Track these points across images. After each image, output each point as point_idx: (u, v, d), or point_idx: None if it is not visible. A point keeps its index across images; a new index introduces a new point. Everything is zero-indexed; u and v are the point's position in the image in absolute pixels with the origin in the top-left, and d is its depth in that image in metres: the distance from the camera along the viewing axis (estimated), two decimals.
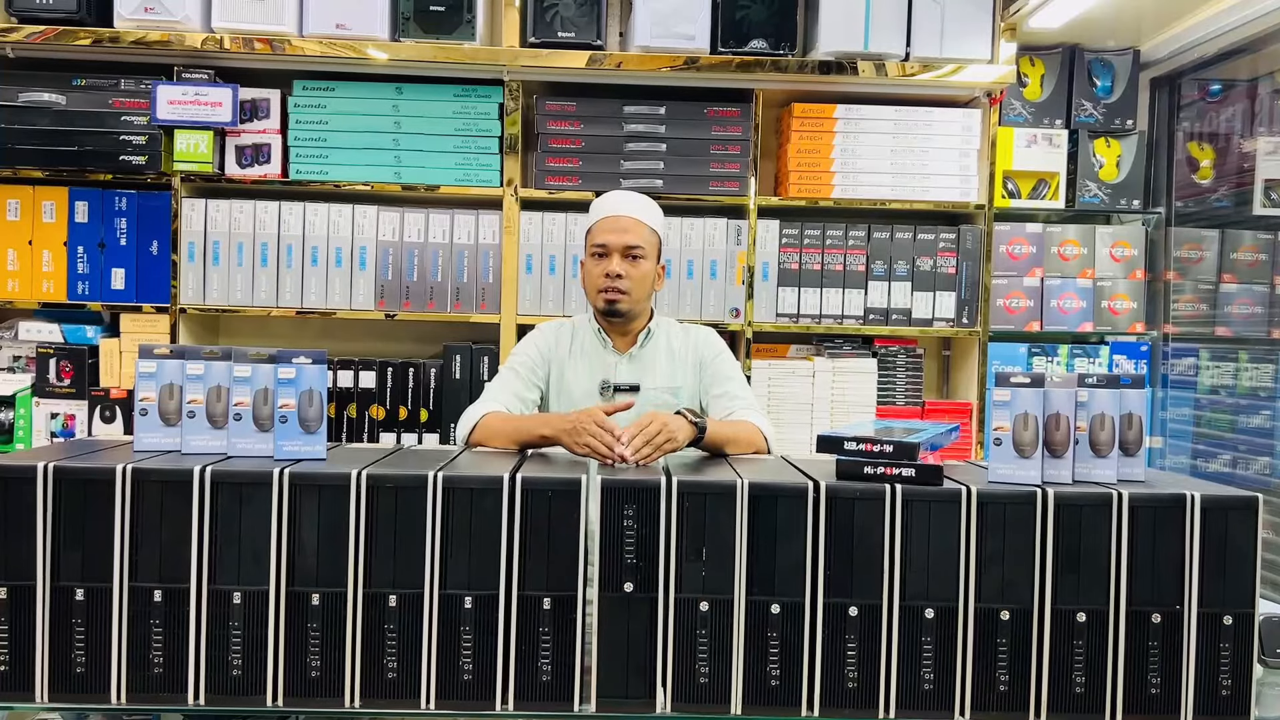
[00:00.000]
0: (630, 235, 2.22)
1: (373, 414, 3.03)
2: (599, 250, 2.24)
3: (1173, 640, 1.44)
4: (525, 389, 2.24)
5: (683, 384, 2.27)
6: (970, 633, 1.43)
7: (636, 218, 2.25)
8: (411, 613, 1.41)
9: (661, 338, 2.33)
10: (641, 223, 2.25)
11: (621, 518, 1.43)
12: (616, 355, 2.29)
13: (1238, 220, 3.24)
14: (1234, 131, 3.28)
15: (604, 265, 2.23)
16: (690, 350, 2.31)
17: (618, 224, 2.23)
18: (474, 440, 2.04)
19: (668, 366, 2.29)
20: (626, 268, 2.22)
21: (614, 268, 2.21)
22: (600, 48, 2.99)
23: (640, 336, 2.30)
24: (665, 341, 2.33)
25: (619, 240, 2.22)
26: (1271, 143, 3.12)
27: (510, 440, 1.96)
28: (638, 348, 2.30)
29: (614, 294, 2.22)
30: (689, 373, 2.29)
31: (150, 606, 1.40)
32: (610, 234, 2.23)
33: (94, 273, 3.00)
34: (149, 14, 2.85)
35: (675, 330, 2.36)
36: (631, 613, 1.43)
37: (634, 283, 2.23)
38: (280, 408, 1.52)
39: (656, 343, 2.32)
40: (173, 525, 1.40)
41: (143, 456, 1.48)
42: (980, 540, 1.43)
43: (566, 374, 2.28)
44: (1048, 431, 1.51)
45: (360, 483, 1.41)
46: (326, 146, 3.03)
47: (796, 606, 1.43)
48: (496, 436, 1.99)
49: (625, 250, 2.22)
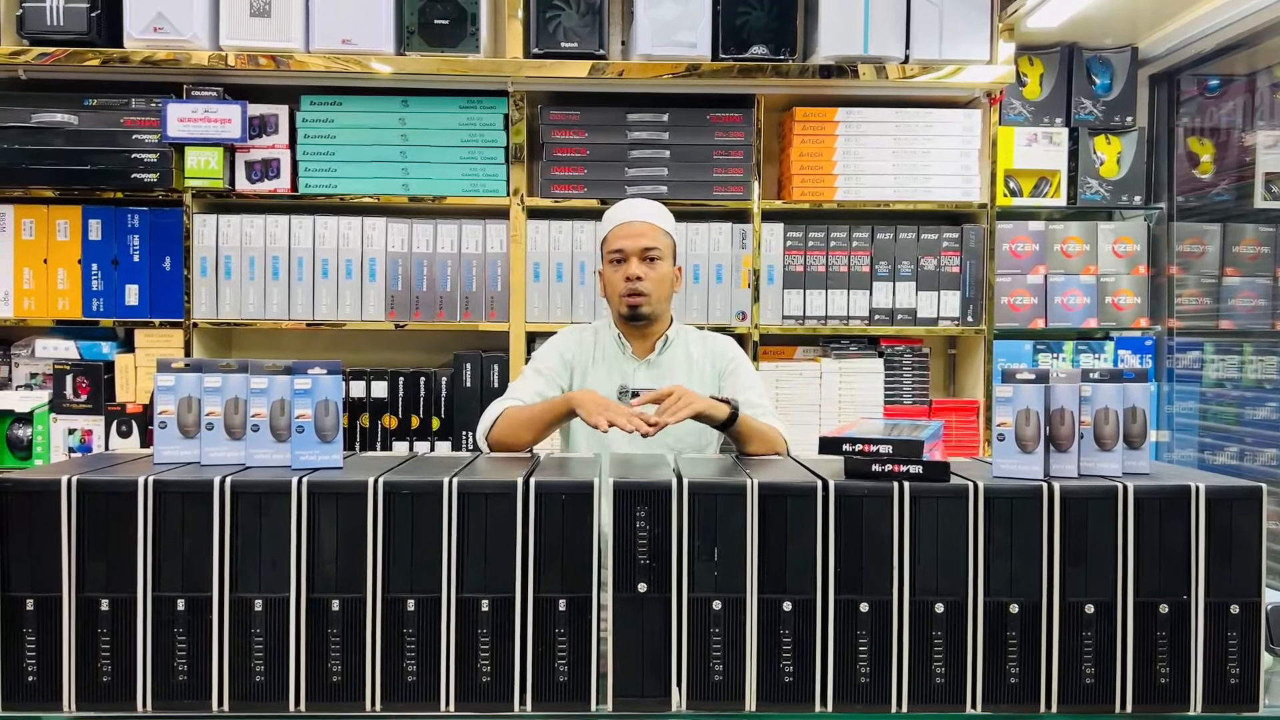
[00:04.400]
0: (645, 239, 2.26)
1: (385, 423, 3.06)
2: (616, 256, 2.27)
3: (1181, 630, 1.44)
4: (548, 388, 2.26)
5: (700, 391, 2.26)
6: (980, 626, 1.44)
7: (650, 222, 2.29)
8: (430, 617, 1.42)
9: (680, 345, 2.35)
10: (655, 226, 2.29)
11: (634, 519, 1.44)
12: (635, 361, 2.31)
13: (1239, 214, 3.24)
14: (1233, 126, 3.29)
15: (623, 270, 2.26)
16: (709, 359, 2.34)
17: (631, 229, 2.27)
18: (494, 436, 2.09)
19: (686, 374, 2.30)
20: (645, 270, 2.25)
21: (633, 271, 2.24)
22: (603, 57, 3.00)
23: (659, 344, 2.32)
24: (684, 349, 2.35)
25: (635, 244, 2.25)
26: (1271, 136, 3.12)
27: (531, 425, 2.05)
28: (656, 354, 2.32)
29: (635, 297, 2.25)
30: (707, 381, 2.31)
31: (174, 615, 1.41)
32: (626, 239, 2.26)
33: (108, 290, 3.03)
34: (158, 34, 2.88)
35: (694, 338, 2.38)
36: (646, 613, 1.43)
37: (653, 284, 2.26)
38: (297, 418, 1.53)
39: (675, 350, 2.34)
40: (194, 535, 1.41)
41: (163, 469, 1.50)
42: (988, 535, 1.44)
43: (588, 380, 2.30)
44: (1052, 426, 1.51)
45: (377, 490, 1.42)
46: (335, 160, 3.06)
47: (808, 604, 1.43)
48: (518, 426, 2.07)
49: (642, 253, 2.25)
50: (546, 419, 2.07)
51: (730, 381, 2.29)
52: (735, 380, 2.29)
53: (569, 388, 2.30)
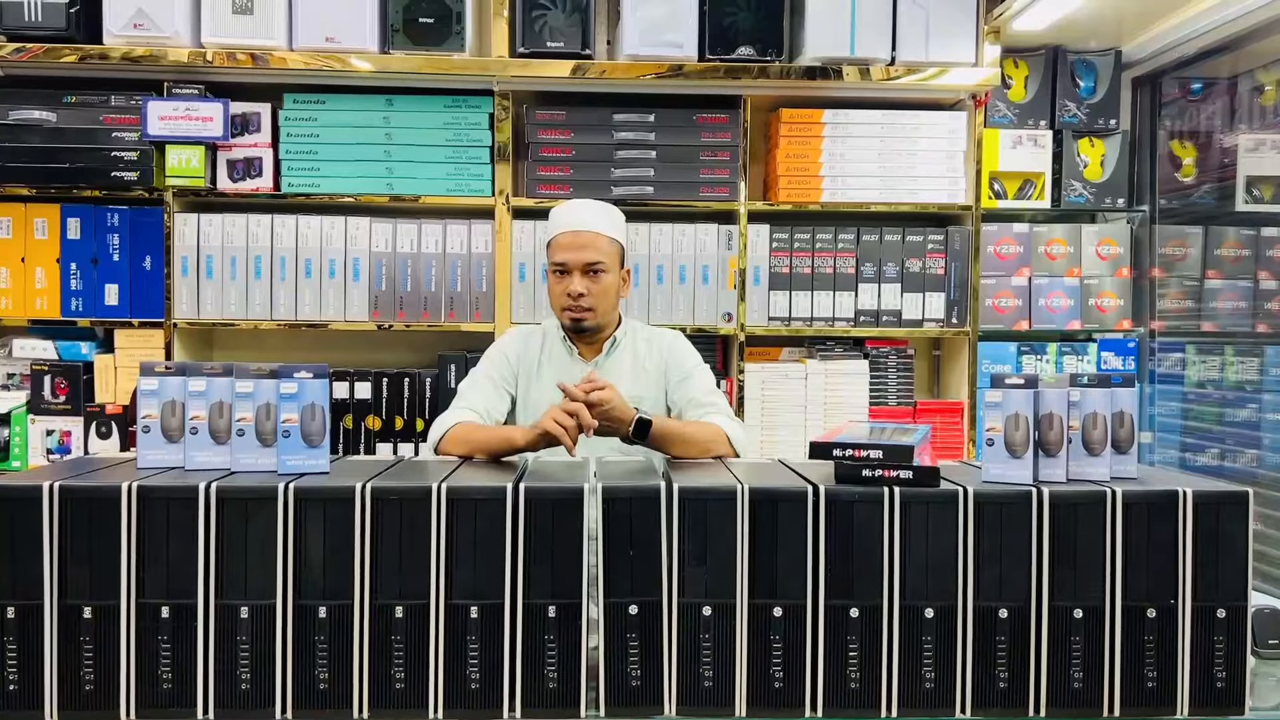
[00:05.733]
0: (588, 251, 2.19)
1: (369, 424, 3.03)
2: (558, 269, 2.22)
3: (1168, 634, 1.45)
4: (497, 398, 2.22)
5: (645, 394, 2.23)
6: (969, 631, 1.44)
7: (595, 230, 2.22)
8: (418, 623, 1.41)
9: (628, 346, 2.31)
10: (600, 235, 2.22)
11: (623, 524, 1.43)
12: (583, 364, 2.27)
13: (1221, 217, 3.26)
14: (1215, 129, 3.31)
15: (565, 284, 2.20)
16: (655, 358, 2.30)
17: (576, 240, 2.20)
18: (442, 450, 2.04)
19: (632, 376, 2.27)
20: (588, 285, 2.19)
21: (575, 287, 2.18)
22: (589, 57, 2.99)
23: (606, 345, 2.28)
24: (631, 349, 2.31)
25: (578, 258, 2.19)
26: (1253, 140, 3.14)
27: (478, 451, 1.96)
28: (603, 356, 2.28)
29: (578, 312, 2.20)
30: (652, 382, 2.28)
31: (158, 623, 1.40)
32: (569, 252, 2.20)
33: (87, 289, 2.99)
34: (138, 30, 2.84)
35: (641, 337, 2.34)
36: (635, 618, 1.43)
37: (596, 299, 2.20)
38: (283, 422, 1.52)
39: (622, 351, 2.30)
40: (179, 541, 1.40)
41: (147, 474, 1.48)
42: (978, 540, 1.45)
43: (534, 383, 2.27)
44: (1041, 431, 1.52)
45: (365, 495, 1.41)
46: (318, 159, 3.03)
47: (798, 609, 1.43)
48: (467, 448, 1.98)
49: (585, 267, 2.19)
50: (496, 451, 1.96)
51: (677, 379, 2.26)
52: (681, 378, 2.26)
53: (516, 394, 2.26)
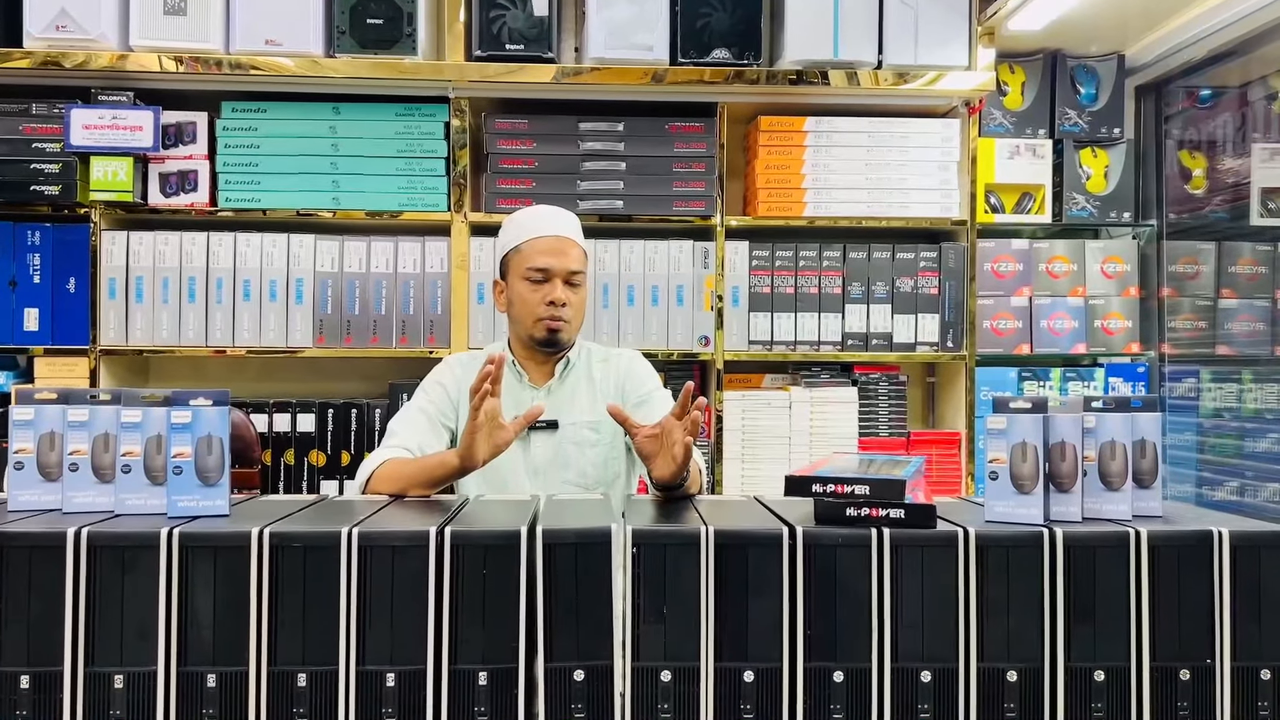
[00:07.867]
0: (572, 259, 2.07)
1: (312, 460, 2.84)
2: (538, 276, 2.05)
3: (1204, 699, 1.31)
4: (433, 435, 2.03)
5: (603, 418, 2.04)
6: (973, 697, 1.30)
7: (573, 239, 2.10)
8: (324, 693, 1.26)
9: (583, 368, 2.16)
10: (575, 244, 2.10)
11: (568, 574, 1.28)
12: (533, 390, 2.11)
13: (1235, 232, 3.16)
14: (1226, 139, 3.21)
15: (546, 291, 2.04)
16: (612, 382, 2.15)
17: (559, 245, 2.07)
18: (370, 493, 1.84)
19: (588, 400, 2.11)
20: (569, 295, 2.06)
21: (559, 295, 2.04)
22: (552, 61, 2.85)
23: (559, 368, 2.13)
24: (586, 372, 2.16)
25: (562, 264, 2.05)
26: (1267, 149, 3.03)
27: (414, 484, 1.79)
28: (557, 380, 2.12)
29: (558, 323, 2.05)
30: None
31: (16, 695, 1.24)
32: (552, 257, 2.05)
33: (4, 313, 2.81)
34: (61, 32, 2.68)
35: (597, 358, 2.19)
36: (581, 686, 1.28)
37: (575, 310, 2.08)
38: (174, 457, 1.37)
39: (577, 374, 2.15)
40: (42, 598, 1.25)
41: (15, 517, 1.34)
42: (981, 590, 1.31)
43: None
44: (1053, 463, 1.38)
45: (262, 542, 1.26)
46: (258, 172, 2.87)
47: (773, 672, 1.29)
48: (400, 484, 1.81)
49: (568, 276, 2.06)
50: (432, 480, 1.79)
51: (634, 403, 2.08)
52: (639, 401, 2.09)
53: (456, 429, 2.07)
